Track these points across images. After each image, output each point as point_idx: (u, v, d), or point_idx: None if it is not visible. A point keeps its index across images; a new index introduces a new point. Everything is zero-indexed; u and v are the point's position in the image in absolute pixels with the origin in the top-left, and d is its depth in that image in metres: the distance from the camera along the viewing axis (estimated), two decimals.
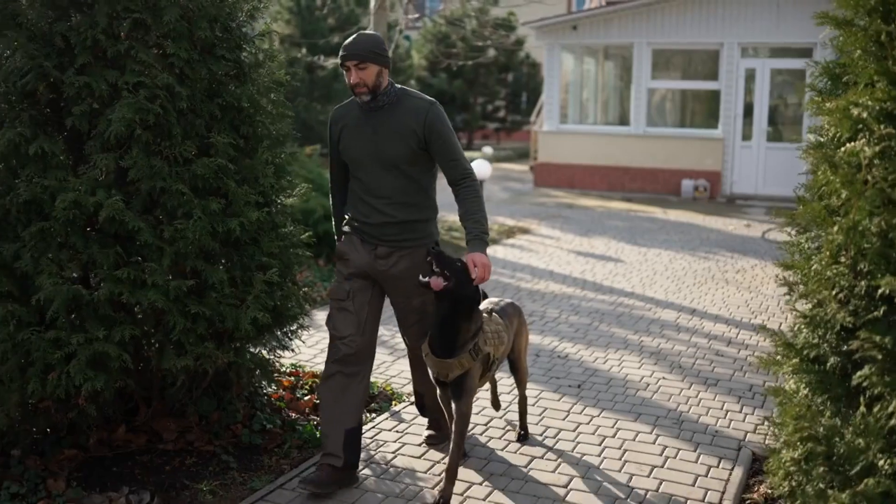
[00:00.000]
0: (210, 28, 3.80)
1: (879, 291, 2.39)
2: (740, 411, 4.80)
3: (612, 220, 12.32)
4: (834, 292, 2.61)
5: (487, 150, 23.87)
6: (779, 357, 2.90)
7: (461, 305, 3.58)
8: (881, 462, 2.40)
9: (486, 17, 24.90)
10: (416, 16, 18.62)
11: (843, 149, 2.56)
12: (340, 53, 3.69)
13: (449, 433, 3.92)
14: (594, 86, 17.26)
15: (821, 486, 2.58)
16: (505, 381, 5.05)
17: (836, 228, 2.56)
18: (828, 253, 2.63)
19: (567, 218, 12.54)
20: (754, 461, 4.13)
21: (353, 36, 3.70)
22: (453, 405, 3.70)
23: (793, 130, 14.98)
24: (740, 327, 6.62)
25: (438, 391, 3.88)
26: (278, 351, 4.33)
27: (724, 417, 4.71)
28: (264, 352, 4.21)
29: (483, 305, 3.91)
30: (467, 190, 3.80)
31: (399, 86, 3.81)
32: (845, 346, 2.56)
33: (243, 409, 4.35)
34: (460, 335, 3.62)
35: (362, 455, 4.05)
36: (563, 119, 16.37)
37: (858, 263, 2.50)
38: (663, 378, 5.36)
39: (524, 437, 4.35)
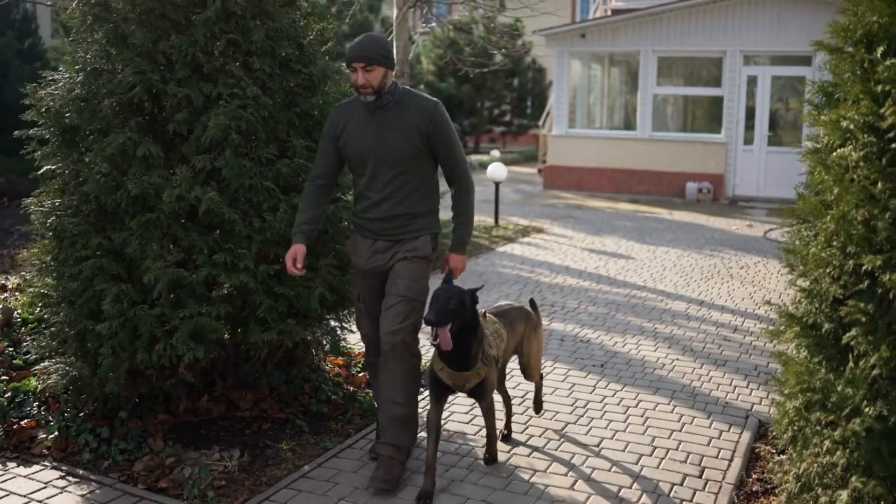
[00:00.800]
0: (289, 46, 4.38)
1: (864, 268, 2.96)
2: (747, 387, 5.38)
3: (621, 221, 12.89)
4: (827, 270, 3.18)
5: (495, 153, 24.45)
6: (782, 327, 3.47)
7: (465, 328, 3.74)
8: (865, 406, 2.97)
9: (494, 24, 25.58)
10: (433, 24, 19.23)
11: (834, 154, 3.13)
12: (348, 54, 3.82)
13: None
14: (600, 91, 17.84)
15: (817, 427, 3.15)
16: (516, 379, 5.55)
17: (828, 218, 3.14)
18: (822, 238, 3.20)
19: (578, 218, 13.11)
20: (760, 427, 4.69)
21: (361, 38, 3.85)
22: (478, 404, 4.00)
23: (792, 135, 15.55)
24: (745, 317, 7.19)
25: (431, 410, 3.87)
26: (344, 329, 4.88)
27: (733, 392, 5.28)
28: (336, 327, 4.79)
29: (491, 309, 4.24)
30: (460, 192, 4.00)
31: (403, 86, 3.95)
32: (837, 314, 3.13)
33: (308, 384, 4.92)
34: (471, 348, 3.78)
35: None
36: (571, 123, 16.95)
37: (847, 246, 3.07)
38: (677, 359, 5.94)
39: (505, 437, 4.47)
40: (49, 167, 4.43)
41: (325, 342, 4.75)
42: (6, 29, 16.76)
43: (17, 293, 7.19)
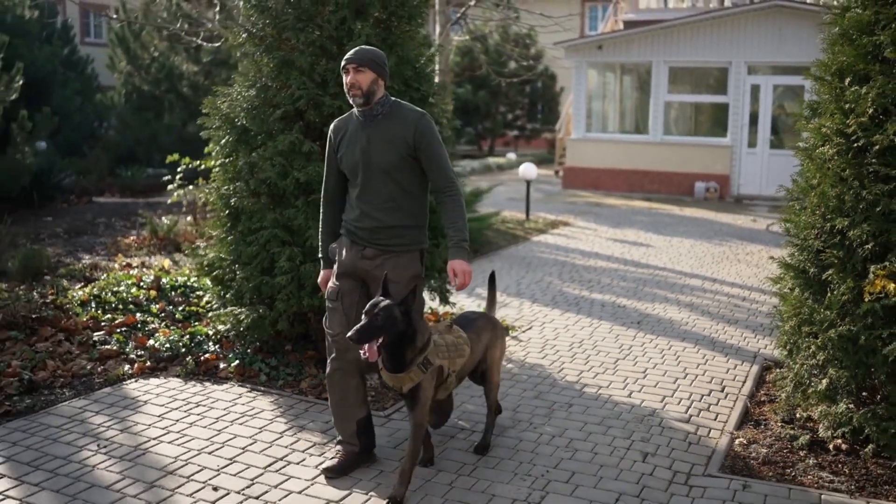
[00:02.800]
0: (409, 69, 5.80)
1: (836, 228, 4.38)
2: (754, 337, 6.79)
3: (637, 216, 14.31)
4: (813, 231, 4.60)
5: (511, 155, 25.96)
6: (781, 274, 4.89)
7: (399, 337, 3.79)
8: (836, 321, 4.38)
9: (508, 33, 27.11)
10: (464, 37, 20.68)
11: (817, 150, 4.56)
12: (343, 59, 4.06)
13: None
14: (613, 97, 19.27)
15: (806, 339, 4.57)
16: (474, 390, 5.37)
17: (813, 195, 4.56)
18: (808, 209, 4.62)
19: (598, 214, 14.54)
20: (764, 362, 6.10)
21: (358, 47, 4.10)
22: (410, 415, 3.93)
23: (792, 139, 16.95)
24: (751, 290, 8.61)
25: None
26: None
27: (744, 340, 6.70)
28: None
29: (457, 319, 4.37)
30: (450, 199, 4.06)
31: (393, 98, 4.14)
32: (818, 261, 4.55)
33: None
34: (406, 354, 3.83)
35: None
36: (588, 127, 18.39)
37: (825, 214, 4.49)
38: (697, 319, 7.36)
39: (483, 450, 4.43)
40: (223, 160, 5.85)
41: (434, 295, 6.14)
42: (48, 37, 17.97)
43: (145, 267, 8.64)
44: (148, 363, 5.80)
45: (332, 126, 4.24)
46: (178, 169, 11.24)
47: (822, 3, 16.35)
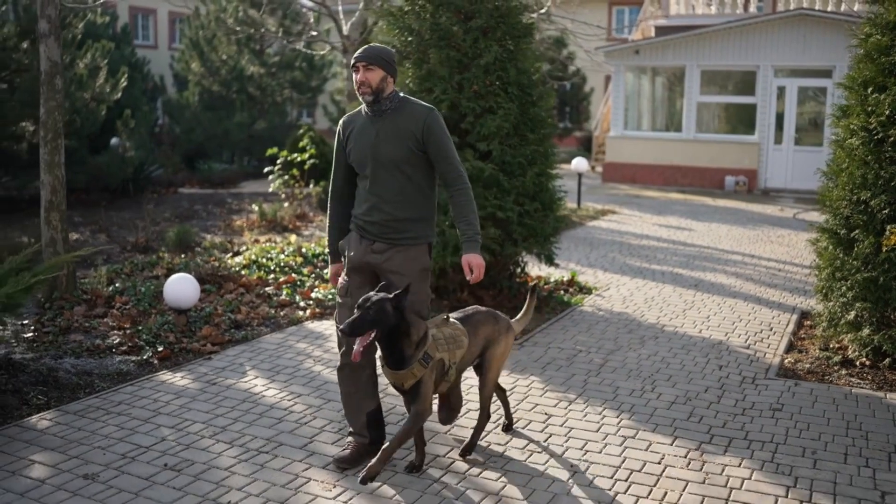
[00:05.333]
0: (524, 77, 7.37)
1: (861, 199, 5.96)
2: (792, 296, 8.36)
3: (675, 206, 15.86)
4: (843, 202, 6.17)
5: None
6: (818, 235, 6.47)
7: (394, 332, 3.83)
8: (862, 269, 5.95)
9: (543, 38, 28.63)
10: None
11: (846, 142, 6.13)
12: (353, 57, 4.12)
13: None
14: (647, 98, 20.80)
15: (838, 283, 6.14)
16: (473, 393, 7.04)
17: (843, 175, 6.13)
18: (839, 186, 6.20)
19: (639, 204, 16.11)
20: (802, 314, 7.65)
21: (367, 45, 4.14)
22: (411, 406, 3.98)
23: (815, 136, 18.45)
24: (785, 264, 10.17)
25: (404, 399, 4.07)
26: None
27: (783, 298, 8.27)
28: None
29: (455, 313, 4.28)
30: (460, 192, 4.10)
31: (402, 94, 4.16)
32: (847, 223, 6.12)
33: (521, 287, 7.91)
34: (405, 350, 3.87)
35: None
36: (626, 126, 19.95)
37: (853, 189, 6.06)
38: (743, 283, 8.93)
39: (468, 451, 4.36)
40: None
41: (542, 257, 7.72)
42: (115, 41, 19.51)
43: (271, 242, 10.27)
44: (317, 309, 7.41)
45: (340, 121, 4.28)
46: (277, 161, 12.89)
47: (843, 10, 17.89)
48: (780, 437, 4.70)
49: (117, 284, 7.93)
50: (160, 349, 6.15)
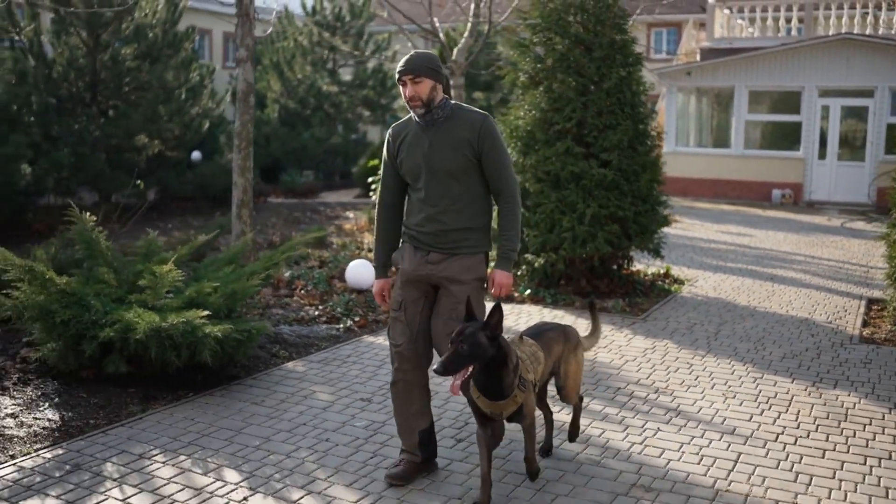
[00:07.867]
0: (634, 96, 8.80)
1: None
2: (857, 288, 9.73)
3: (729, 216, 17.23)
4: None
5: None
6: (886, 230, 7.87)
7: (492, 363, 3.64)
8: None
9: None
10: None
11: None
12: (397, 70, 3.92)
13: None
14: (697, 115, 22.21)
15: None
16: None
17: None
18: None
19: (696, 214, 17.50)
20: (869, 301, 9.02)
21: (409, 54, 3.93)
22: (521, 425, 3.95)
23: (857, 153, 19.78)
24: (844, 263, 11.53)
25: (478, 430, 3.89)
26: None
27: (850, 289, 9.64)
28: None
29: (527, 330, 4.28)
30: (507, 206, 3.98)
31: (453, 101, 4.00)
32: None
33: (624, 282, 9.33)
34: (503, 379, 3.69)
35: None
36: (678, 142, 21.36)
37: None
38: (811, 278, 10.31)
39: (573, 436, 4.57)
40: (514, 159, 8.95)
41: (650, 250, 9.14)
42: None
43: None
44: None
45: (389, 131, 4.13)
46: (375, 173, 14.38)
47: (884, 34, 19.26)
48: (874, 379, 6.10)
49: (287, 273, 9.41)
50: (356, 319, 7.61)
